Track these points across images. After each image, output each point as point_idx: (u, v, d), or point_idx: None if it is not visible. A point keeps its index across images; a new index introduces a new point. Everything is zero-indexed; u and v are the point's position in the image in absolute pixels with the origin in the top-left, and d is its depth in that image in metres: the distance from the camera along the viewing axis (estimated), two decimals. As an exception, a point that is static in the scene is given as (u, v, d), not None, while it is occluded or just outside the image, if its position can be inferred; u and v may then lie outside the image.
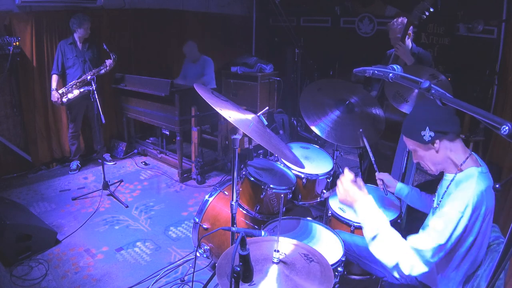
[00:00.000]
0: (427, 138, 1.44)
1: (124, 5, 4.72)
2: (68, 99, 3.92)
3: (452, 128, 1.43)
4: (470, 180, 1.38)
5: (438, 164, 1.50)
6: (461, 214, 1.31)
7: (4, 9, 3.73)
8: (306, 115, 2.36)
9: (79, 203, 3.55)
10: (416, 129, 1.46)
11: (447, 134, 1.43)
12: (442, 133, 1.42)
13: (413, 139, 1.49)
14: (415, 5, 2.68)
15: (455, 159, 1.46)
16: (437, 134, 1.42)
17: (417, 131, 1.46)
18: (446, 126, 1.42)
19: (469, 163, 1.44)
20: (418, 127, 1.45)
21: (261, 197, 2.18)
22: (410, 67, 2.73)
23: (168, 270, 2.62)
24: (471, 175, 1.40)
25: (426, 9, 2.62)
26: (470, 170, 1.41)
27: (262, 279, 1.27)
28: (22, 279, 2.47)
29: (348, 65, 3.09)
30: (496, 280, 0.95)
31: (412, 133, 1.49)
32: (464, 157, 1.44)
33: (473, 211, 1.31)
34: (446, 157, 1.46)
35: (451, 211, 1.33)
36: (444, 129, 1.42)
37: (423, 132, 1.44)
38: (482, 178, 1.38)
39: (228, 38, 6.06)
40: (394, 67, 1.29)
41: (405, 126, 1.54)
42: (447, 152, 1.46)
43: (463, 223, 1.31)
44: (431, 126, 1.42)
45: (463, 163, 1.44)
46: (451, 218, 1.32)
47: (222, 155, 4.49)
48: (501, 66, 3.80)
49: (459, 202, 1.33)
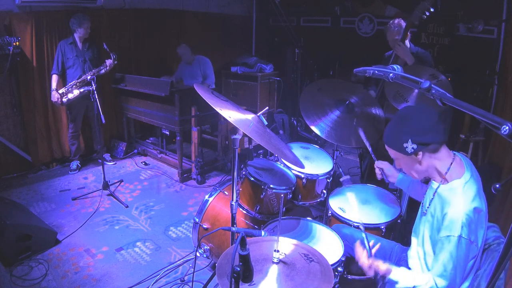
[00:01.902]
0: (409, 150, 1.40)
1: (124, 5, 4.72)
2: (68, 99, 3.92)
3: (434, 138, 1.39)
4: (457, 197, 1.37)
5: (422, 172, 1.49)
6: (459, 234, 1.32)
7: (4, 9, 3.73)
8: (306, 115, 2.35)
9: (79, 203, 3.55)
10: (398, 140, 1.43)
11: (430, 145, 1.40)
12: (425, 144, 1.39)
13: (395, 149, 1.47)
14: (415, 5, 2.68)
15: (439, 167, 1.44)
16: (420, 146, 1.39)
17: (399, 143, 1.43)
18: (429, 137, 1.39)
19: (453, 171, 1.42)
20: (400, 139, 1.42)
21: (261, 197, 2.18)
22: (410, 67, 2.73)
23: (168, 270, 2.62)
24: (454, 189, 1.39)
25: (426, 9, 2.62)
26: (455, 183, 1.40)
27: (262, 279, 1.27)
28: (22, 279, 2.47)
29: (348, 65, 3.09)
30: (496, 280, 0.95)
31: (394, 144, 1.46)
32: (448, 164, 1.43)
33: (469, 227, 1.32)
34: (430, 166, 1.45)
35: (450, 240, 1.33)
36: (427, 140, 1.39)
37: (405, 144, 1.40)
38: (468, 188, 1.37)
39: (228, 38, 6.05)
40: (394, 67, 1.29)
41: (387, 135, 1.51)
42: (431, 161, 1.44)
43: (465, 243, 1.32)
44: (414, 138, 1.38)
45: (448, 171, 1.43)
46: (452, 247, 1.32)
47: (222, 155, 4.49)
48: (501, 66, 3.80)
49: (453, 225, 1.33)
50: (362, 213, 2.16)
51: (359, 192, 2.38)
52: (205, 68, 4.78)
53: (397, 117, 1.50)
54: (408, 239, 2.39)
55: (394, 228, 2.13)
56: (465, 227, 1.31)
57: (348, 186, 2.39)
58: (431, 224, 1.49)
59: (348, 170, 4.41)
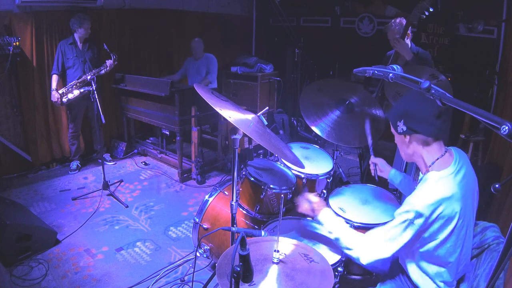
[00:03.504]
0: (399, 130, 1.46)
1: (124, 5, 4.72)
2: (68, 99, 3.92)
3: (426, 130, 1.40)
4: (424, 186, 1.38)
5: (409, 155, 1.52)
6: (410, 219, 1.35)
7: (4, 9, 3.73)
8: (306, 115, 2.35)
9: (79, 203, 3.55)
10: (395, 116, 1.49)
11: (419, 134, 1.42)
12: (414, 131, 1.42)
13: (391, 124, 1.52)
14: (415, 5, 2.68)
15: (426, 158, 1.46)
16: (409, 130, 1.43)
17: (395, 119, 1.48)
18: (420, 127, 1.40)
19: (437, 165, 1.42)
20: (397, 116, 1.47)
21: (261, 197, 2.18)
22: (410, 67, 2.73)
23: (168, 270, 2.62)
24: (427, 179, 1.40)
25: (426, 9, 2.62)
26: (430, 175, 1.41)
27: (262, 279, 1.27)
28: (22, 279, 2.47)
29: (348, 65, 3.09)
30: (496, 280, 0.95)
31: (391, 118, 1.52)
32: (435, 158, 1.43)
33: (424, 218, 1.33)
34: (417, 153, 1.47)
35: (402, 215, 1.38)
36: (417, 128, 1.41)
37: (399, 123, 1.46)
38: (443, 183, 1.36)
39: (228, 38, 6.06)
40: (394, 67, 1.29)
41: (391, 109, 1.57)
42: (419, 149, 1.46)
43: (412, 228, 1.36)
44: (406, 120, 1.42)
45: (432, 164, 1.43)
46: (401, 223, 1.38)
47: (222, 155, 4.49)
48: (501, 66, 3.80)
49: (408, 206, 1.36)
50: (362, 213, 2.16)
51: (359, 192, 2.38)
52: (210, 65, 4.81)
53: (406, 96, 1.55)
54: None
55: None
56: (419, 214, 1.33)
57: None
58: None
59: (348, 170, 4.41)
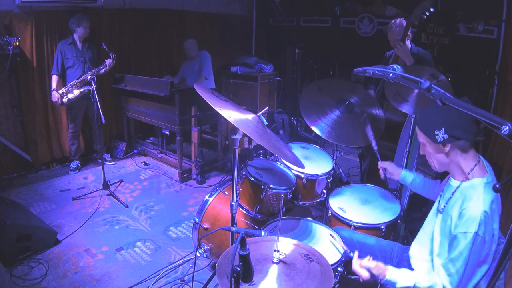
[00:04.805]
0: (439, 139, 1.41)
1: (124, 5, 4.72)
2: (68, 99, 3.92)
3: (467, 136, 1.40)
4: (477, 193, 1.36)
5: (444, 165, 1.49)
6: (476, 231, 1.30)
7: (4, 9, 3.73)
8: (306, 115, 2.35)
9: (79, 203, 3.55)
10: (431, 125, 1.44)
11: (460, 140, 1.41)
12: (456, 138, 1.40)
13: (426, 134, 1.47)
14: (415, 5, 2.68)
15: (463, 165, 1.44)
16: (451, 138, 1.40)
17: (431, 128, 1.43)
18: (462, 133, 1.39)
19: (476, 172, 1.42)
20: (434, 125, 1.42)
21: (261, 197, 2.18)
22: (410, 67, 2.73)
23: (168, 270, 2.62)
24: (476, 186, 1.38)
25: (426, 9, 2.62)
26: (476, 181, 1.40)
27: (262, 279, 1.27)
28: (22, 279, 2.47)
29: (348, 65, 3.09)
30: (496, 280, 0.95)
31: (426, 128, 1.47)
32: (472, 165, 1.43)
33: (486, 226, 1.31)
34: (455, 161, 1.45)
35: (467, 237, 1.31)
36: (459, 135, 1.39)
37: (437, 132, 1.41)
38: (489, 189, 1.36)
39: (228, 38, 6.05)
40: (394, 67, 1.29)
41: (422, 119, 1.52)
42: (457, 157, 1.44)
43: (480, 242, 1.31)
44: (447, 129, 1.39)
45: (471, 171, 1.43)
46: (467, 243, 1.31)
47: (222, 155, 4.49)
48: (501, 66, 3.80)
49: (471, 222, 1.31)
50: (362, 213, 2.16)
51: (359, 192, 2.38)
52: (202, 61, 4.74)
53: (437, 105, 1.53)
54: (408, 239, 2.40)
55: (394, 228, 2.13)
56: (482, 224, 1.30)
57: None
58: (445, 222, 1.47)
59: (348, 170, 4.41)
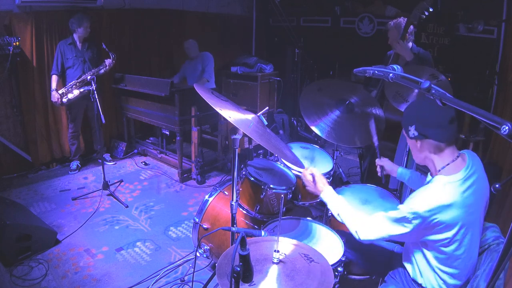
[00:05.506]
0: (411, 134, 1.46)
1: (124, 5, 4.72)
2: (68, 99, 3.92)
3: (437, 136, 1.40)
4: (428, 188, 1.39)
5: (420, 159, 1.53)
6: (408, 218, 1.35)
7: (4, 9, 3.73)
8: (306, 115, 2.35)
9: (79, 203, 3.55)
10: (407, 120, 1.49)
11: (429, 139, 1.42)
12: (425, 136, 1.42)
13: (403, 127, 1.53)
14: (415, 5, 2.68)
15: (436, 162, 1.46)
16: (420, 136, 1.43)
17: (406, 124, 1.49)
18: (431, 132, 1.40)
19: (448, 169, 1.41)
20: (409, 121, 1.47)
21: (261, 197, 2.18)
22: (410, 67, 2.73)
23: (168, 270, 2.62)
24: (433, 182, 1.40)
25: (426, 9, 2.62)
26: (437, 178, 1.40)
27: (262, 279, 1.27)
28: (22, 279, 2.47)
29: (348, 65, 3.09)
30: (496, 280, 0.95)
31: (404, 122, 1.52)
32: (445, 163, 1.43)
33: (422, 219, 1.34)
34: (429, 157, 1.48)
35: (404, 209, 1.38)
36: (427, 133, 1.41)
37: (410, 127, 1.46)
38: (449, 189, 1.35)
39: (228, 38, 6.06)
40: (394, 67, 1.29)
41: (405, 112, 1.57)
42: (429, 154, 1.46)
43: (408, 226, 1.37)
44: (417, 126, 1.43)
45: (442, 169, 1.43)
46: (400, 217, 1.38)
47: (222, 155, 4.49)
48: (501, 66, 3.80)
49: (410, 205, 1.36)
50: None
51: (359, 192, 2.38)
52: (205, 62, 4.73)
53: (419, 101, 1.56)
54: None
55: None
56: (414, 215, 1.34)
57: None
58: None
59: (348, 170, 4.41)
